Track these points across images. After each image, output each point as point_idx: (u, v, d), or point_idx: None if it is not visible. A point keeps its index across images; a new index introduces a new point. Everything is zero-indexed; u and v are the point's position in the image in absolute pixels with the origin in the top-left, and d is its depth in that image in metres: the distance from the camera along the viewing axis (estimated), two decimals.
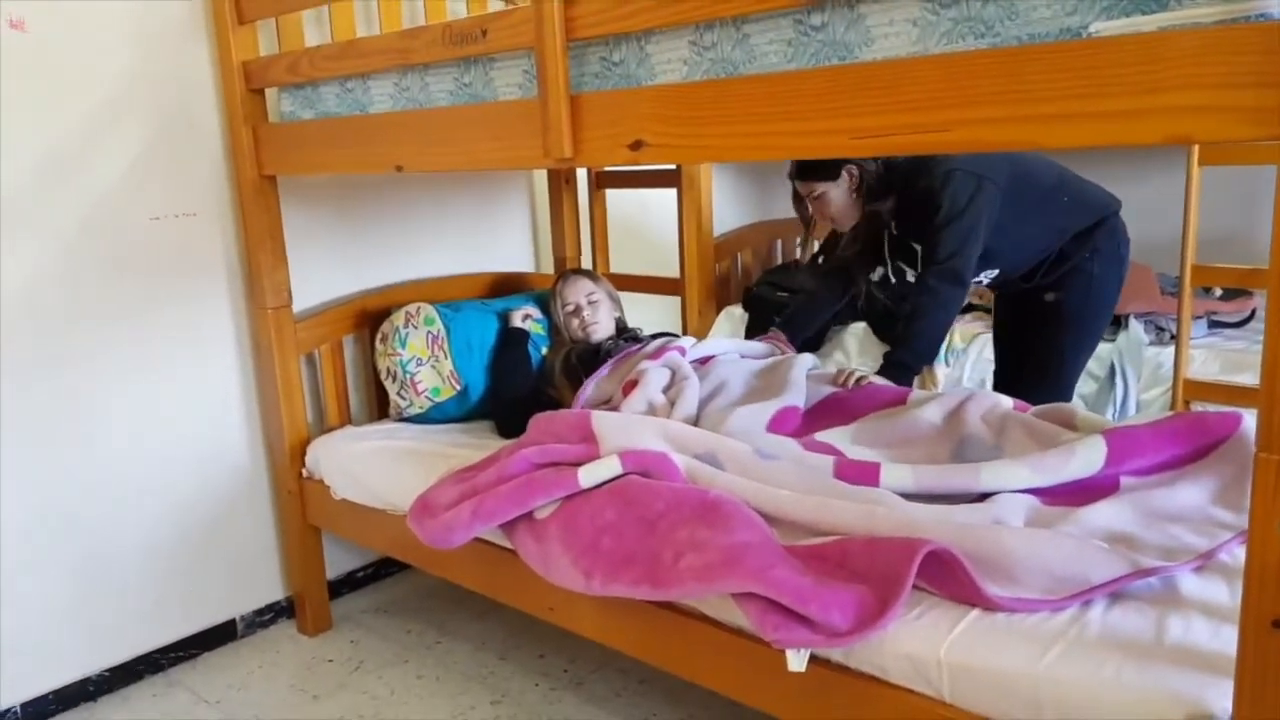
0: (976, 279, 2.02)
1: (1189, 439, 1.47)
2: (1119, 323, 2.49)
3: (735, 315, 3.14)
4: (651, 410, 1.82)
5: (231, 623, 2.15)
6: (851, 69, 1.08)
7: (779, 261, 3.52)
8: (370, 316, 2.26)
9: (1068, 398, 2.09)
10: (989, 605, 1.17)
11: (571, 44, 1.35)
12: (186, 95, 1.96)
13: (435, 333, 2.09)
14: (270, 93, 1.97)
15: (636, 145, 1.31)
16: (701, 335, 3.02)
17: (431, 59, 1.55)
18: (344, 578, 2.34)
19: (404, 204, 2.38)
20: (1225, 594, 1.16)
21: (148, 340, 1.96)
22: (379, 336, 2.18)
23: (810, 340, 2.90)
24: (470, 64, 1.53)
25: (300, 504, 2.12)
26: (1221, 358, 2.31)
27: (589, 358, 2.13)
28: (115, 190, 1.88)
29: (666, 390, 1.90)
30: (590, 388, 1.95)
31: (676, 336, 2.21)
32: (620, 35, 1.31)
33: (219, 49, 1.95)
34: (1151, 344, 2.43)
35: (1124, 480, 1.45)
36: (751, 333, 2.87)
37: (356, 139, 1.74)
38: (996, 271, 2.03)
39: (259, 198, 1.97)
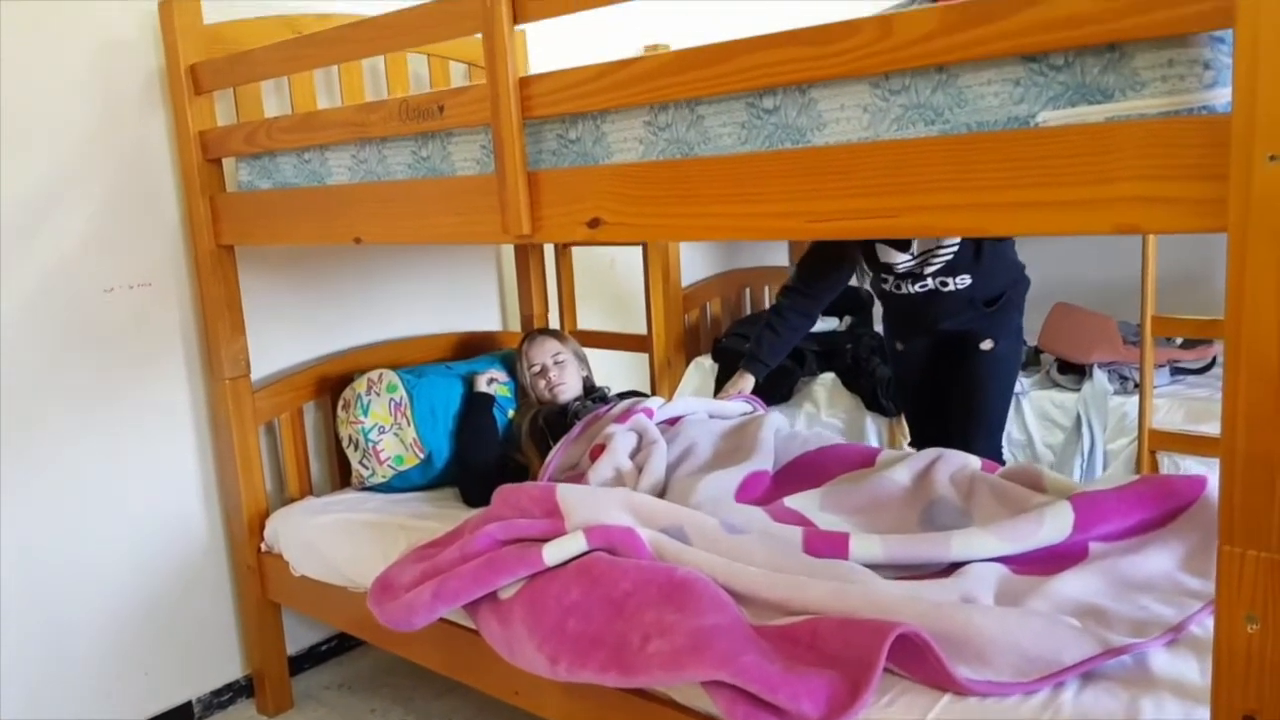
0: (945, 285, 2.04)
1: (1155, 503, 1.47)
2: (1084, 373, 2.51)
3: (705, 366, 3.13)
4: (619, 476, 1.80)
5: (188, 705, 2.07)
6: (807, 153, 1.08)
7: (748, 311, 3.52)
8: (332, 382, 2.22)
9: (1000, 445, 2.21)
10: (960, 690, 1.14)
11: (528, 121, 1.35)
12: (142, 165, 1.94)
13: (398, 400, 2.06)
14: (228, 162, 1.95)
15: (595, 223, 1.30)
16: (671, 387, 3.01)
17: (389, 133, 1.54)
18: (305, 652, 2.27)
19: (366, 264, 2.35)
20: (1196, 672, 1.15)
21: (101, 413, 1.90)
22: (341, 403, 2.14)
23: (781, 393, 2.90)
24: (428, 138, 1.52)
25: (259, 579, 2.06)
26: (1185, 406, 2.33)
27: (556, 420, 2.10)
28: (67, 261, 1.84)
29: (634, 455, 1.87)
30: (558, 454, 1.92)
31: (644, 396, 2.19)
32: (577, 114, 1.31)
33: (175, 119, 1.93)
34: (1116, 393, 2.44)
35: (1093, 546, 1.44)
36: (721, 386, 2.86)
37: (315, 210, 1.72)
38: (968, 280, 2.04)
39: (216, 268, 1.94)
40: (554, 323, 2.75)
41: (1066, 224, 0.91)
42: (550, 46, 2.43)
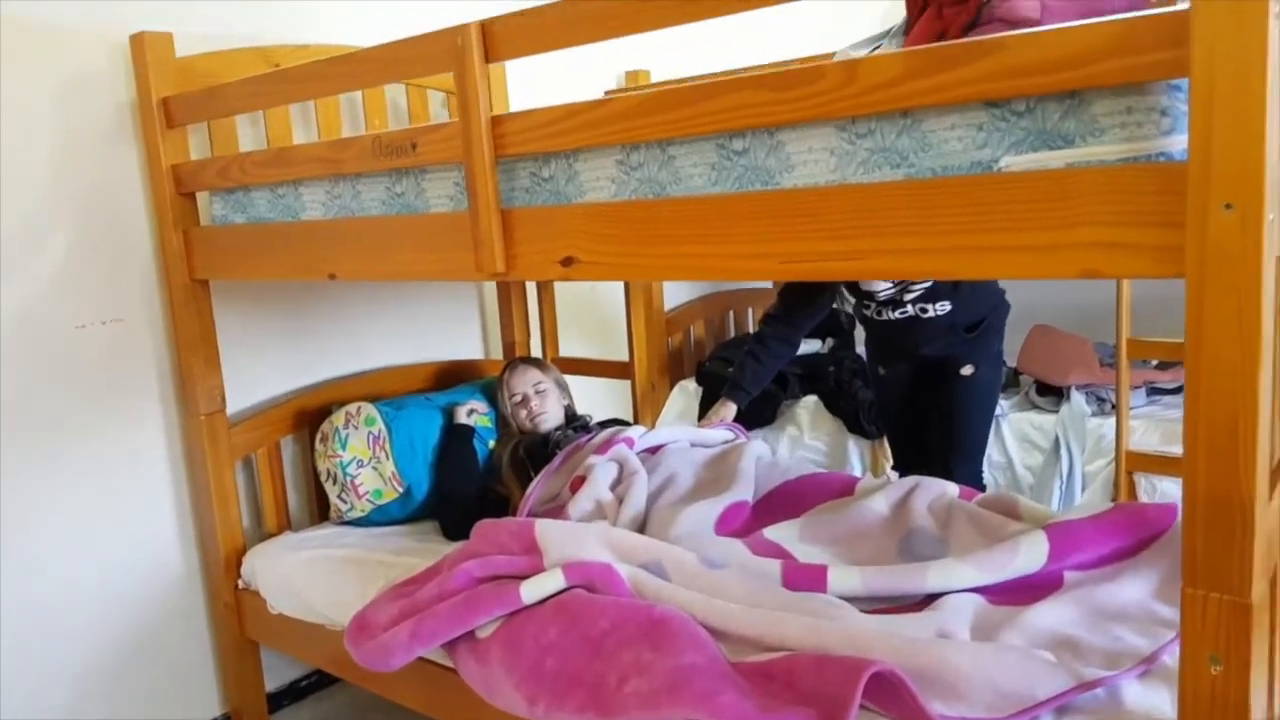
0: (926, 311, 2.06)
1: (1129, 531, 1.48)
2: (1061, 395, 2.53)
3: (689, 390, 3.13)
4: (599, 508, 1.79)
5: None
6: (776, 195, 1.09)
7: (732, 334, 3.53)
8: (310, 415, 2.20)
9: (980, 469, 2.23)
10: None
11: (501, 159, 1.35)
12: (114, 198, 1.93)
13: (376, 433, 2.05)
14: (202, 195, 1.94)
15: (568, 262, 1.30)
16: (655, 411, 3.01)
17: (362, 170, 1.54)
18: (285, 688, 2.24)
19: (344, 293, 2.34)
20: (1168, 703, 1.15)
21: (74, 450, 1.88)
22: (319, 437, 2.13)
23: (764, 416, 2.90)
24: (402, 174, 1.52)
25: (237, 617, 2.03)
26: (1162, 428, 2.35)
27: (537, 450, 2.09)
28: (38, 297, 1.83)
29: (615, 486, 1.87)
30: (538, 486, 1.91)
31: (626, 424, 2.19)
32: (549, 153, 1.31)
33: (148, 152, 1.92)
34: (1094, 415, 2.46)
35: (1067, 575, 1.45)
36: (705, 409, 2.86)
37: (289, 245, 1.72)
38: (948, 306, 2.05)
39: (190, 302, 1.93)
40: (536, 350, 2.74)
41: (1030, 268, 0.92)
42: (529, 70, 2.43)
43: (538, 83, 2.55)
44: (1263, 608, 0.88)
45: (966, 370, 2.15)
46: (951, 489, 1.73)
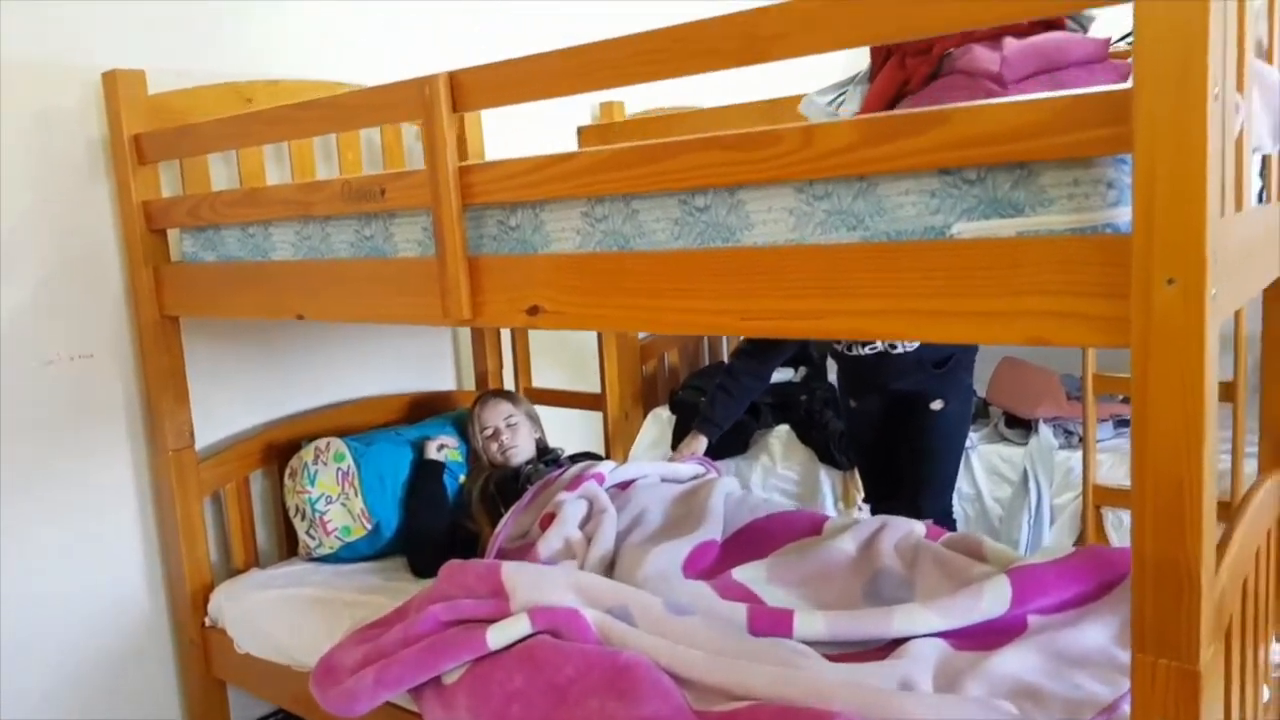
0: (895, 347, 2.08)
1: (1091, 575, 1.50)
2: (1030, 427, 2.56)
3: (663, 418, 3.14)
4: (569, 547, 1.80)
5: None
6: (737, 253, 1.10)
7: (706, 361, 3.54)
8: (280, 448, 2.19)
9: (950, 502, 2.25)
10: None
11: (469, 207, 1.36)
12: (84, 233, 1.91)
13: (345, 469, 2.04)
14: (172, 231, 1.93)
15: (534, 311, 1.31)
16: (629, 439, 3.01)
17: (332, 213, 1.55)
18: None
19: (315, 324, 2.33)
20: None
21: (40, 486, 1.86)
22: (288, 472, 2.12)
23: (736, 446, 2.91)
24: (371, 218, 1.52)
25: (203, 655, 2.01)
26: (1129, 461, 2.37)
27: (507, 485, 2.09)
28: (6, 333, 1.81)
29: (584, 524, 1.87)
30: (508, 524, 1.91)
31: (597, 459, 2.19)
32: (516, 203, 1.32)
33: (119, 188, 1.91)
34: (1062, 448, 2.49)
35: (1031, 620, 1.46)
36: (678, 438, 2.87)
37: (258, 285, 1.71)
38: (916, 342, 2.07)
39: (160, 339, 1.91)
40: (509, 380, 2.74)
41: (981, 333, 0.94)
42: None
43: (511, 112, 2.55)
44: (1212, 671, 0.90)
45: (936, 405, 2.18)
46: (919, 528, 1.74)
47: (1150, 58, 0.80)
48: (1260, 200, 1.20)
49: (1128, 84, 0.82)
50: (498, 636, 1.47)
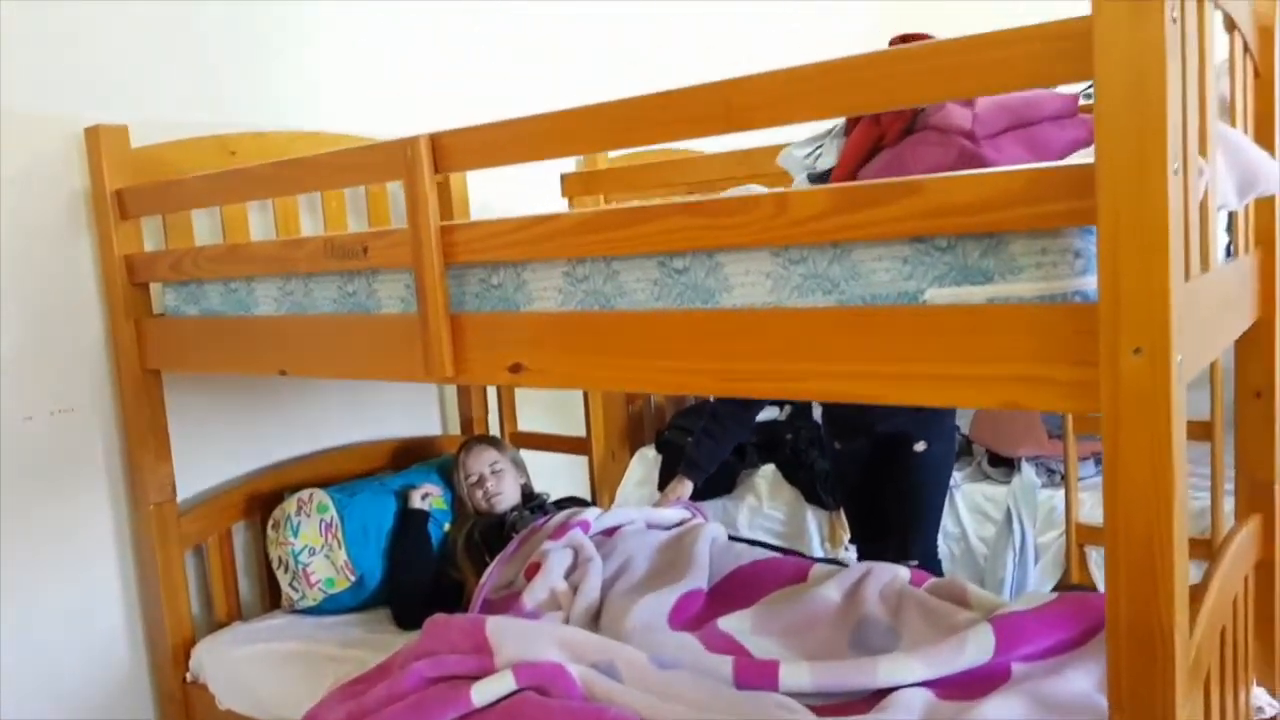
0: None
1: (1075, 622, 1.51)
2: (1013, 466, 2.58)
3: (649, 458, 3.14)
4: (554, 597, 1.79)
5: None
6: (716, 315, 1.12)
7: (691, 401, 3.55)
8: (263, 499, 2.18)
9: (935, 543, 2.26)
10: None
11: (451, 265, 1.37)
12: (65, 286, 1.91)
13: (328, 520, 2.03)
14: (155, 285, 1.94)
15: (516, 369, 1.32)
16: (616, 479, 3.01)
17: (314, 270, 1.56)
18: None
19: None
20: None
21: (19, 540, 1.84)
22: (271, 523, 2.10)
23: (723, 485, 2.92)
24: (354, 274, 1.53)
25: (184, 711, 1.98)
26: None
27: (492, 533, 2.08)
28: None
29: (570, 573, 1.87)
30: (493, 575, 1.90)
31: (583, 504, 2.19)
32: (498, 262, 1.33)
33: (100, 242, 1.91)
34: (1044, 486, 2.51)
35: (1015, 668, 1.47)
36: (665, 478, 2.87)
37: (240, 340, 1.72)
38: None
39: (141, 393, 1.91)
40: (494, 425, 2.74)
41: (955, 397, 0.95)
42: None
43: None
44: None
45: (919, 446, 2.19)
46: (903, 574, 1.75)
47: (1110, 133, 0.82)
48: (1228, 254, 1.23)
49: (1091, 158, 0.84)
50: (483, 693, 1.46)
